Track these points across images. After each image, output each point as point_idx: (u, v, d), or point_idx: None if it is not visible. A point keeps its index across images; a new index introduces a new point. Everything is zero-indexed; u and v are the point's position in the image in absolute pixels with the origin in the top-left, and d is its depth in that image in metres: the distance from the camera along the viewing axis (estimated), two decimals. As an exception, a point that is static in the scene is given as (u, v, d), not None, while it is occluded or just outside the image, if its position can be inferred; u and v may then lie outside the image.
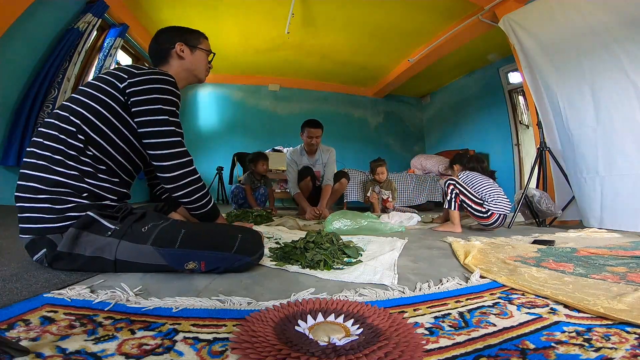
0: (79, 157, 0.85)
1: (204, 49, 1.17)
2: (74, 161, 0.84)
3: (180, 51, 1.11)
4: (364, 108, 6.09)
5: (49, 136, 0.85)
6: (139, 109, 0.90)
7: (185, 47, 1.12)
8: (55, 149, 0.83)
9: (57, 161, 0.83)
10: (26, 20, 2.25)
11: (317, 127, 2.83)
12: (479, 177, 2.05)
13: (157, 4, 3.37)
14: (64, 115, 0.87)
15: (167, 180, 0.92)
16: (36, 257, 0.82)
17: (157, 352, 0.44)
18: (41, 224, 0.81)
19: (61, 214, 0.81)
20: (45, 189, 0.81)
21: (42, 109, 2.49)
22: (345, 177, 3.06)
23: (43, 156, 0.83)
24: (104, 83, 0.91)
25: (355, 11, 3.46)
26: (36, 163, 0.83)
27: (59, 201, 0.81)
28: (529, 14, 2.67)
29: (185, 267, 0.82)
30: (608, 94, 2.15)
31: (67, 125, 0.85)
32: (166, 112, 0.92)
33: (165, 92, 0.93)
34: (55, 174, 0.82)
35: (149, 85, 0.91)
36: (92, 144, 0.87)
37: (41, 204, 0.81)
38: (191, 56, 1.13)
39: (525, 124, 4.32)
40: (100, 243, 0.79)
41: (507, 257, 1.12)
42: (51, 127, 0.86)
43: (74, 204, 0.82)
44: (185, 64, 1.12)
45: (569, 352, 0.46)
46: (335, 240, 1.16)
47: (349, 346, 0.46)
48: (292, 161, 2.95)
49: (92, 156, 0.87)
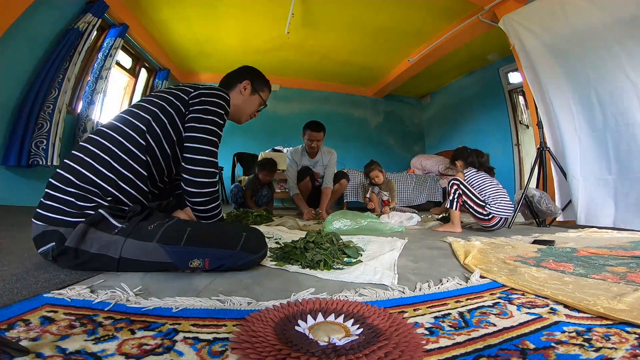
0: (128, 162, 0.89)
1: (262, 97, 1.27)
2: (120, 165, 0.88)
3: (243, 88, 1.22)
4: (364, 108, 6.09)
5: (108, 137, 0.90)
6: (195, 115, 0.99)
7: (250, 87, 1.23)
8: (108, 149, 0.88)
9: (104, 161, 0.87)
10: (26, 20, 2.25)
11: (319, 131, 2.78)
12: (484, 176, 2.04)
13: (157, 4, 3.37)
14: (129, 120, 0.93)
15: (191, 184, 0.98)
16: (42, 249, 0.83)
17: (157, 352, 0.44)
18: (59, 215, 0.82)
19: (80, 211, 0.83)
20: (78, 183, 0.84)
21: (43, 109, 2.49)
22: (345, 177, 3.05)
23: (93, 154, 0.87)
24: (172, 95, 1.00)
25: (355, 11, 3.46)
26: (83, 158, 0.87)
27: (83, 198, 0.83)
28: (529, 14, 2.67)
29: (190, 264, 0.82)
30: (609, 94, 2.15)
31: (131, 130, 0.92)
32: (215, 124, 1.02)
33: (221, 108, 1.04)
34: (94, 173, 0.85)
35: (209, 98, 1.02)
36: (148, 151, 0.93)
37: (68, 197, 0.83)
38: (248, 97, 1.24)
39: (525, 124, 4.32)
40: (106, 240, 0.80)
41: (507, 257, 1.12)
42: (113, 129, 0.92)
43: (95, 204, 0.84)
44: (239, 101, 1.22)
45: (569, 352, 0.46)
46: (335, 240, 1.16)
47: (349, 346, 0.46)
48: (292, 161, 2.92)
49: (144, 162, 0.92)
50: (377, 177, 3.10)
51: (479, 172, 2.06)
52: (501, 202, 1.93)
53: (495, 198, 1.93)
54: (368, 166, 3.17)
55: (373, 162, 3.19)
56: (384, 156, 5.81)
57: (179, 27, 3.83)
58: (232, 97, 1.19)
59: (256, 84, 1.25)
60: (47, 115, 2.51)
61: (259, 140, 5.23)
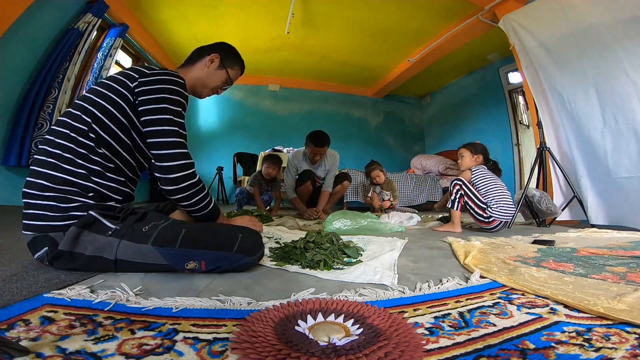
0: (89, 156, 0.86)
1: (229, 74, 1.18)
2: (83, 160, 0.85)
3: (209, 61, 1.14)
4: (364, 108, 6.09)
5: (60, 134, 0.86)
6: (146, 107, 0.91)
7: (217, 60, 1.14)
8: (65, 147, 0.85)
9: (67, 159, 0.84)
10: (26, 20, 2.25)
11: (322, 146, 2.64)
12: (489, 177, 2.02)
13: (157, 4, 3.37)
14: (75, 114, 0.88)
15: (165, 182, 0.91)
16: (37, 255, 0.82)
17: (157, 352, 0.44)
18: (45, 222, 0.81)
19: (65, 213, 0.81)
20: (53, 186, 0.82)
21: (43, 109, 2.50)
22: (348, 179, 3.03)
23: (53, 154, 0.84)
24: (116, 82, 0.92)
25: (355, 11, 3.46)
26: (46, 160, 0.84)
27: (64, 200, 0.82)
28: (529, 14, 2.67)
29: (186, 266, 0.82)
30: (610, 94, 2.15)
31: (79, 124, 0.87)
32: (171, 112, 0.93)
33: (172, 93, 0.94)
34: (64, 172, 0.83)
35: (158, 85, 0.92)
36: (102, 143, 0.88)
37: (47, 202, 0.81)
38: (214, 71, 1.15)
39: (525, 124, 4.32)
40: (100, 242, 0.80)
41: (507, 257, 1.12)
42: (63, 125, 0.87)
43: (79, 203, 0.83)
44: (202, 74, 1.14)
45: (569, 352, 0.46)
46: (335, 240, 1.16)
47: (349, 346, 0.46)
48: (292, 165, 2.86)
49: (102, 154, 0.88)
50: (378, 177, 3.10)
51: (488, 173, 2.05)
52: (503, 205, 1.92)
53: (498, 201, 1.92)
54: (369, 166, 3.17)
55: (374, 162, 3.19)
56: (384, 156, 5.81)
57: (179, 27, 3.83)
58: (196, 69, 1.13)
59: (226, 60, 1.16)
60: (47, 115, 2.51)
61: (259, 140, 5.23)
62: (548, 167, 2.52)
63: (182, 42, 4.16)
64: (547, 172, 2.52)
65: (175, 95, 0.94)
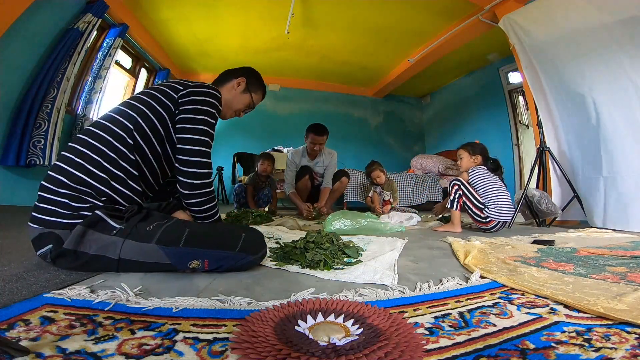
0: (118, 161, 0.88)
1: (253, 98, 1.25)
2: (111, 165, 0.87)
3: (237, 84, 1.20)
4: (364, 108, 6.09)
5: (96, 136, 0.89)
6: (184, 116, 0.98)
7: (244, 84, 1.21)
8: (97, 149, 0.87)
9: (95, 161, 0.86)
10: (26, 20, 2.25)
11: (322, 135, 2.76)
12: (488, 177, 2.02)
13: (157, 4, 3.37)
14: (117, 119, 0.92)
15: (185, 186, 0.97)
16: (41, 251, 0.83)
17: (157, 352, 0.44)
18: (53, 218, 0.82)
19: (75, 212, 0.82)
20: (70, 184, 0.83)
21: (41, 109, 2.49)
22: (346, 175, 3.05)
23: (83, 154, 0.86)
24: (161, 93, 0.98)
25: (355, 11, 3.46)
26: (73, 159, 0.86)
27: (77, 199, 0.83)
28: (529, 14, 2.67)
29: (189, 265, 0.82)
30: (608, 94, 2.15)
31: (119, 129, 0.90)
32: (206, 124, 1.00)
33: (210, 105, 1.02)
34: (86, 174, 0.85)
35: (200, 97, 1.00)
36: (137, 150, 0.92)
37: (60, 199, 0.82)
38: (239, 94, 1.22)
39: (525, 124, 4.32)
40: (105, 242, 0.80)
41: (507, 257, 1.12)
42: (102, 128, 0.91)
43: (90, 205, 0.84)
44: (229, 96, 1.19)
45: (569, 352, 0.46)
46: (335, 240, 1.16)
47: (349, 346, 0.46)
48: (292, 162, 2.93)
49: (133, 161, 0.91)
50: (379, 177, 3.09)
51: (487, 173, 2.05)
52: (502, 206, 1.91)
53: (497, 201, 1.91)
54: (369, 166, 3.16)
55: (374, 162, 3.18)
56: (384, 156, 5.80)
57: (179, 27, 3.82)
58: (224, 91, 1.18)
59: (251, 84, 1.24)
60: (46, 114, 2.51)
61: (259, 140, 5.23)
62: (548, 167, 2.52)
63: (182, 42, 4.15)
64: (547, 172, 2.52)
65: (212, 108, 1.02)
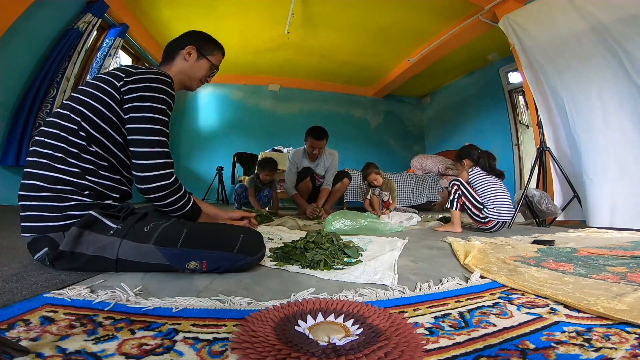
0: (81, 155, 0.85)
1: (212, 61, 1.16)
2: (75, 159, 0.84)
3: (187, 54, 1.11)
4: (364, 108, 6.09)
5: (50, 134, 0.86)
6: (130, 105, 0.90)
7: (194, 52, 1.12)
8: (56, 146, 0.84)
9: (59, 159, 0.83)
10: (26, 20, 2.25)
11: (321, 139, 2.73)
12: (487, 178, 2.01)
13: (157, 4, 3.37)
14: (64, 114, 0.87)
15: (139, 180, 0.91)
16: (37, 256, 0.82)
17: (157, 352, 0.44)
18: (43, 223, 0.81)
19: (63, 212, 0.81)
20: (47, 186, 0.81)
21: (41, 109, 2.49)
22: (347, 177, 3.04)
23: (45, 154, 0.84)
24: (103, 82, 0.92)
25: (355, 11, 3.46)
26: (38, 161, 0.84)
27: (60, 199, 0.82)
28: (529, 14, 2.67)
29: (187, 266, 0.82)
30: (615, 96, 2.14)
31: (68, 123, 0.86)
32: (154, 110, 0.92)
33: (157, 91, 0.93)
34: (57, 172, 0.82)
35: (144, 84, 0.92)
36: (94, 141, 0.88)
37: (43, 202, 0.81)
38: (195, 62, 1.13)
39: (525, 124, 4.32)
40: (102, 242, 0.80)
41: (507, 257, 1.12)
42: (53, 125, 0.87)
43: (76, 202, 0.83)
44: (184, 67, 1.12)
45: (569, 352, 0.46)
46: (335, 240, 1.16)
47: (349, 346, 0.46)
48: (292, 163, 2.91)
49: (94, 153, 0.87)
50: (376, 180, 2.91)
51: (484, 174, 2.04)
52: (501, 206, 1.91)
53: (495, 202, 1.91)
54: (365, 170, 2.97)
55: (370, 164, 2.98)
56: (384, 156, 5.82)
57: (179, 27, 3.82)
58: (177, 64, 1.11)
59: (203, 48, 1.14)
60: (45, 115, 2.51)
61: (259, 140, 5.23)
62: (548, 167, 2.52)
63: (182, 42, 4.15)
64: (547, 172, 2.52)
65: (160, 93, 0.93)
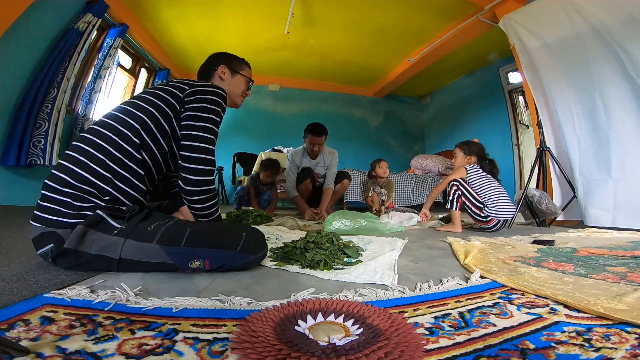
0: (123, 160, 0.88)
1: (245, 75, 1.26)
2: (116, 164, 0.87)
3: (221, 73, 1.22)
4: (364, 108, 6.09)
5: (101, 135, 0.89)
6: (190, 113, 0.99)
7: (227, 70, 1.23)
8: (102, 148, 0.87)
9: (99, 160, 0.86)
10: (26, 20, 2.25)
11: (321, 135, 2.74)
12: (487, 177, 2.02)
13: (157, 4, 3.37)
14: (122, 118, 0.92)
15: (188, 183, 0.98)
16: (41, 250, 0.83)
17: (157, 352, 0.44)
18: (56, 217, 0.81)
19: (77, 211, 0.82)
20: (74, 183, 0.83)
21: (42, 109, 2.49)
22: (347, 177, 3.04)
23: (87, 152, 0.86)
24: (166, 93, 1.00)
25: (355, 11, 3.46)
26: (76, 157, 0.86)
27: (80, 199, 0.83)
28: (530, 14, 2.67)
29: (190, 265, 0.82)
30: (617, 96, 2.14)
31: (125, 129, 0.90)
32: (211, 121, 1.01)
33: (216, 104, 1.03)
34: (89, 172, 0.84)
35: (205, 96, 1.02)
36: (144, 148, 0.92)
37: (64, 198, 0.82)
38: (231, 79, 1.24)
39: (525, 124, 4.32)
40: (106, 241, 0.80)
41: (507, 257, 1.12)
42: (107, 127, 0.91)
43: (92, 204, 0.84)
44: (225, 86, 1.20)
45: (569, 352, 0.46)
46: (335, 240, 1.16)
47: (349, 346, 0.46)
48: (292, 163, 2.89)
49: (139, 160, 0.91)
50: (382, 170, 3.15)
51: (482, 172, 2.05)
52: (501, 204, 1.91)
53: (495, 200, 1.92)
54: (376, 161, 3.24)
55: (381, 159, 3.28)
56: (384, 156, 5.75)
57: (179, 27, 3.82)
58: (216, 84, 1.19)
59: (232, 66, 1.25)
60: (46, 114, 2.51)
61: (259, 140, 5.23)
62: (548, 167, 2.52)
63: (182, 42, 4.15)
64: (547, 172, 2.52)
65: (218, 106, 1.04)
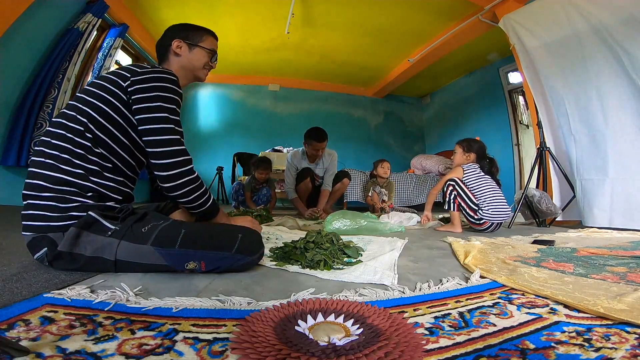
0: (86, 156, 0.86)
1: (205, 47, 1.13)
2: (81, 160, 0.85)
3: (176, 48, 1.09)
4: (363, 108, 6.09)
5: (56, 135, 0.86)
6: (140, 106, 0.91)
7: (183, 44, 1.10)
8: (62, 147, 0.85)
9: (64, 160, 0.84)
10: (26, 20, 2.25)
11: (323, 140, 2.74)
12: (484, 178, 2.01)
13: (157, 4, 3.37)
14: (71, 114, 0.88)
15: (163, 179, 0.91)
16: (37, 255, 0.82)
17: (157, 352, 0.44)
18: (44, 222, 0.81)
19: (64, 213, 0.81)
20: (51, 187, 0.82)
21: (42, 109, 2.50)
22: (347, 177, 3.05)
23: (50, 155, 0.84)
24: (108, 82, 0.92)
25: (355, 11, 3.46)
26: (43, 162, 0.84)
27: (63, 200, 0.82)
28: (529, 14, 2.67)
29: (186, 267, 0.82)
30: (616, 97, 2.14)
31: (75, 124, 0.87)
32: (166, 110, 0.92)
33: (166, 90, 0.93)
34: (62, 173, 0.83)
35: (151, 84, 0.92)
36: (99, 143, 0.88)
37: (46, 202, 0.81)
38: (188, 54, 1.11)
39: (525, 124, 4.32)
40: (100, 243, 0.79)
41: (507, 257, 1.12)
42: (58, 126, 0.87)
43: (78, 204, 0.83)
44: (182, 62, 1.10)
45: (569, 352, 0.46)
46: (335, 240, 1.16)
47: (349, 346, 0.46)
48: (291, 165, 2.89)
49: (99, 154, 0.88)
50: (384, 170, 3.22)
51: (480, 172, 2.04)
52: (495, 206, 1.90)
53: (490, 202, 1.90)
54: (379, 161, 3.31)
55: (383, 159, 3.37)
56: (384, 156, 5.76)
57: (179, 27, 3.82)
58: (172, 62, 1.10)
59: (189, 38, 1.11)
60: (46, 115, 2.51)
61: (259, 140, 5.23)
62: (548, 167, 2.52)
63: (182, 42, 4.15)
64: (547, 172, 2.52)
65: (168, 92, 0.94)
